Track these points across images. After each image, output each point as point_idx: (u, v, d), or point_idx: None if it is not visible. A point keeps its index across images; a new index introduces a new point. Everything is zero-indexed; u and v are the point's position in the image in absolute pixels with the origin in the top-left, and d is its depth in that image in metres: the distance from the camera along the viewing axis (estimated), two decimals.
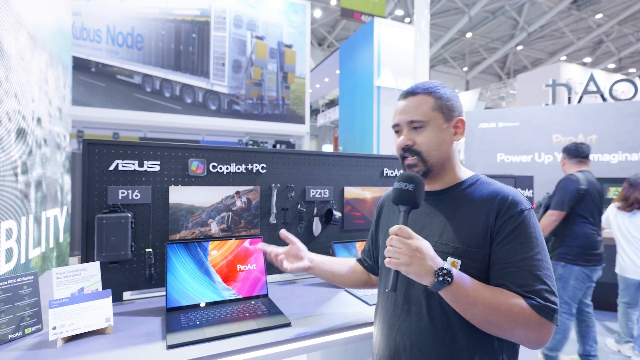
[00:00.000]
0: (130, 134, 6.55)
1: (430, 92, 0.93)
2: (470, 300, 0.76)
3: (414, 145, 0.93)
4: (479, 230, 0.85)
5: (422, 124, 0.92)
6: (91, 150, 1.36)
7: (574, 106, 4.41)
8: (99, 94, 6.10)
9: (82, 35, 5.98)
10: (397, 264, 0.77)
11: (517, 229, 0.82)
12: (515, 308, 0.75)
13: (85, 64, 6.01)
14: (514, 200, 0.85)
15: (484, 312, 0.76)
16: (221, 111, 6.85)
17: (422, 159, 0.92)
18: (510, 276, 0.79)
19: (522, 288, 0.77)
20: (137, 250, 1.42)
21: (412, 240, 0.78)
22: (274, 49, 7.28)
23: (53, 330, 1.02)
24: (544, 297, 0.76)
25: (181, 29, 6.56)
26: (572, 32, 15.19)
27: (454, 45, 17.10)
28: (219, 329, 1.12)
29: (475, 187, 0.92)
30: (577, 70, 10.86)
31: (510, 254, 0.81)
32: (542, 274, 0.78)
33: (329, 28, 16.14)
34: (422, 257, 0.76)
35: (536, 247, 0.81)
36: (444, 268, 0.76)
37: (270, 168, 1.68)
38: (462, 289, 0.76)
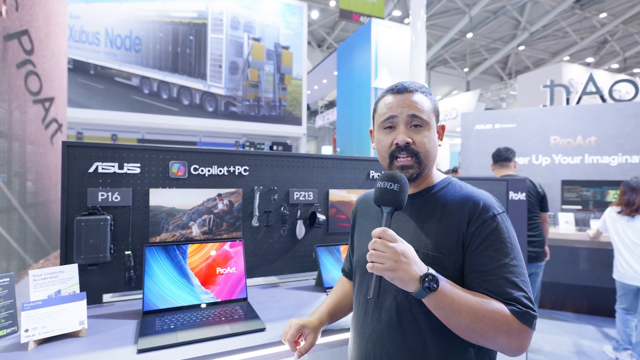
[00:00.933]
0: (129, 136, 6.58)
1: (426, 94, 0.92)
2: (455, 308, 0.73)
3: (412, 145, 0.87)
4: (450, 236, 0.82)
5: (423, 123, 0.88)
6: (71, 152, 1.37)
7: (572, 107, 4.37)
8: (97, 96, 6.13)
9: (81, 38, 6.02)
10: (381, 269, 0.73)
11: (490, 235, 0.79)
12: (499, 315, 0.73)
13: (84, 66, 6.05)
14: (486, 205, 0.82)
15: (468, 320, 0.73)
16: (218, 113, 6.87)
17: (419, 161, 0.87)
18: (488, 284, 0.77)
19: (502, 296, 0.75)
20: (117, 252, 1.43)
21: (397, 244, 0.74)
22: (270, 51, 7.30)
23: (25, 332, 1.02)
24: (524, 303, 0.75)
25: (178, 31, 6.59)
26: (576, 31, 15.10)
27: (455, 45, 17.07)
28: (192, 334, 1.12)
29: (446, 190, 0.90)
30: (579, 70, 10.78)
31: (485, 262, 0.78)
32: (519, 281, 0.77)
33: (328, 29, 16.16)
34: (407, 262, 0.72)
35: (511, 253, 0.79)
36: (429, 273, 0.72)
37: (252, 170, 1.68)
38: (447, 296, 0.73)
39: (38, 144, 2.38)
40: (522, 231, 2.47)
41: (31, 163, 2.24)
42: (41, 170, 2.42)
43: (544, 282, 3.94)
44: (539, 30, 15.06)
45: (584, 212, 4.05)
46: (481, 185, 2.36)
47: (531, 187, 3.08)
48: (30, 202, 2.21)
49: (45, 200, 2.54)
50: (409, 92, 0.89)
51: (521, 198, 2.49)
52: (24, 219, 2.10)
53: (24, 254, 2.04)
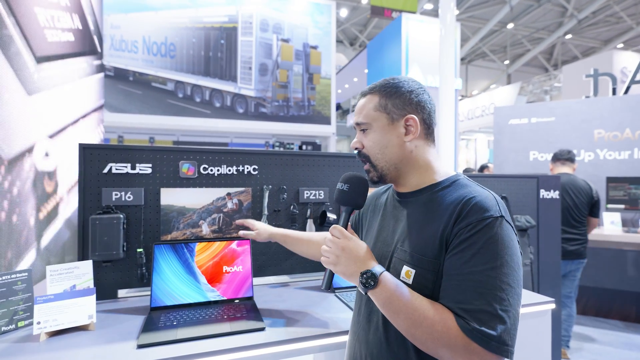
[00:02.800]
0: (165, 138, 6.91)
1: (377, 91, 0.89)
2: (393, 309, 0.72)
3: (363, 149, 0.91)
4: (437, 237, 0.76)
5: (367, 126, 0.89)
6: (86, 154, 1.44)
7: (619, 98, 3.98)
8: (135, 101, 6.49)
9: (120, 47, 6.40)
10: (326, 262, 0.81)
11: (472, 237, 0.70)
12: (439, 325, 0.67)
13: (124, 73, 6.42)
14: (478, 206, 0.73)
15: (407, 324, 0.70)
16: (248, 114, 7.01)
17: (372, 164, 0.89)
18: (452, 289, 0.70)
19: (459, 305, 0.68)
20: (130, 250, 1.48)
21: (341, 240, 0.79)
22: (299, 51, 7.33)
23: (37, 325, 1.09)
24: (481, 319, 0.65)
25: (210, 36, 6.81)
26: (631, 16, 13.80)
27: (494, 37, 16.22)
28: (191, 331, 1.14)
29: (448, 189, 0.83)
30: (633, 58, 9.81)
31: (457, 265, 0.71)
32: (488, 294, 0.66)
33: (360, 27, 15.98)
34: (348, 257, 0.77)
35: (491, 261, 0.68)
36: (369, 271, 0.74)
37: (262, 169, 1.68)
38: (387, 296, 0.72)
39: None
40: (554, 231, 2.28)
41: None
42: None
43: (588, 287, 3.64)
44: (589, 17, 13.93)
45: (632, 211, 3.67)
46: (508, 182, 2.22)
47: (585, 187, 2.97)
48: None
49: None
50: (362, 96, 0.92)
51: (554, 196, 2.30)
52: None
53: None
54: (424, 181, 0.87)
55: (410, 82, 0.89)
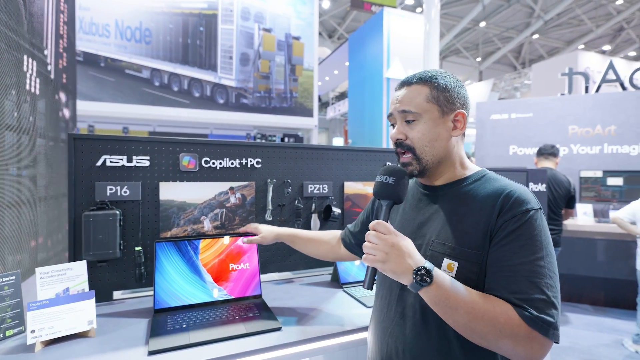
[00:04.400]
0: (140, 129, 6.58)
1: (427, 82, 0.85)
2: (450, 304, 0.69)
3: (406, 140, 0.86)
4: (479, 230, 0.76)
5: (415, 117, 0.84)
6: (77, 145, 1.31)
7: (591, 96, 4.18)
8: (108, 88, 6.13)
9: (90, 30, 6.00)
10: (373, 260, 0.74)
11: (518, 230, 0.72)
12: (502, 317, 0.67)
13: (95, 59, 6.03)
14: (520, 198, 0.75)
15: (466, 319, 0.68)
16: (229, 105, 6.81)
17: (416, 157, 0.85)
18: (504, 281, 0.71)
19: (515, 295, 0.69)
20: (127, 248, 1.38)
21: (389, 236, 0.74)
22: (281, 41, 7.18)
23: (32, 333, 0.98)
24: (539, 307, 0.67)
25: (189, 23, 6.52)
26: (591, 19, 14.59)
27: (467, 35, 16.65)
28: (205, 334, 1.07)
29: (479, 183, 0.84)
30: (595, 58, 10.39)
31: (507, 257, 0.72)
32: (541, 282, 0.69)
33: (339, 20, 15.90)
34: (399, 254, 0.72)
35: (539, 252, 0.71)
36: (423, 267, 0.70)
37: (265, 163, 1.61)
38: (443, 291, 0.70)
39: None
40: None
41: (41, 156, 2.21)
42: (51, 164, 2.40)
43: (562, 274, 3.83)
44: (554, 19, 14.58)
45: (602, 203, 3.90)
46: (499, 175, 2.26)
47: (565, 182, 3.12)
48: (41, 196, 2.19)
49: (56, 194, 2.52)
50: (406, 85, 0.87)
51: (541, 189, 2.40)
52: (35, 213, 2.08)
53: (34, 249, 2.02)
54: (455, 175, 0.88)
55: (454, 77, 0.88)
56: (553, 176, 3.08)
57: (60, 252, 2.56)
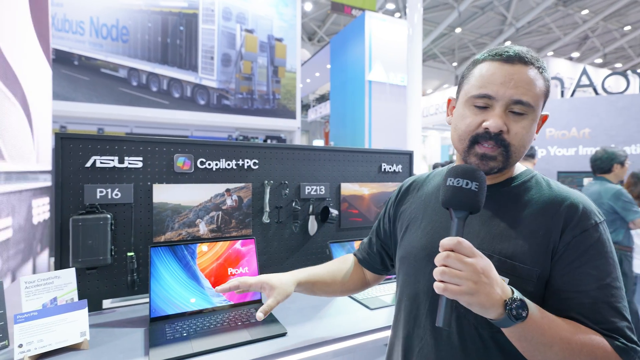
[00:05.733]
0: (116, 130, 6.34)
1: (542, 71, 0.69)
2: (545, 341, 0.58)
3: (505, 134, 0.67)
4: (538, 242, 0.66)
5: (528, 111, 0.67)
6: (65, 145, 1.23)
7: (567, 100, 4.39)
8: (82, 88, 5.86)
9: (64, 27, 5.73)
10: (456, 292, 0.56)
11: (591, 249, 0.64)
12: (599, 351, 0.59)
13: (68, 57, 5.76)
14: (587, 210, 0.66)
15: (560, 356, 0.59)
16: (210, 106, 6.68)
17: (507, 154, 0.68)
18: (584, 309, 0.62)
19: (601, 325, 0.61)
20: (118, 254, 1.31)
21: (475, 260, 0.57)
22: (264, 43, 7.12)
23: (19, 348, 0.91)
24: (628, 337, 0.61)
25: (168, 22, 6.35)
26: (559, 27, 15.34)
27: (444, 40, 17.11)
28: (208, 342, 1.02)
29: (530, 185, 0.73)
30: (565, 65, 10.96)
31: (583, 280, 0.63)
32: (621, 307, 0.62)
33: (319, 22, 15.96)
34: (489, 283, 0.56)
35: (613, 272, 0.64)
36: (516, 298, 0.57)
37: (262, 164, 1.57)
38: (537, 326, 0.58)
39: None
40: None
41: None
42: None
43: None
44: (525, 26, 15.23)
45: None
46: None
47: None
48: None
49: None
50: (522, 63, 0.67)
51: None
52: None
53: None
54: (504, 175, 0.75)
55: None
56: None
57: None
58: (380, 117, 7.81)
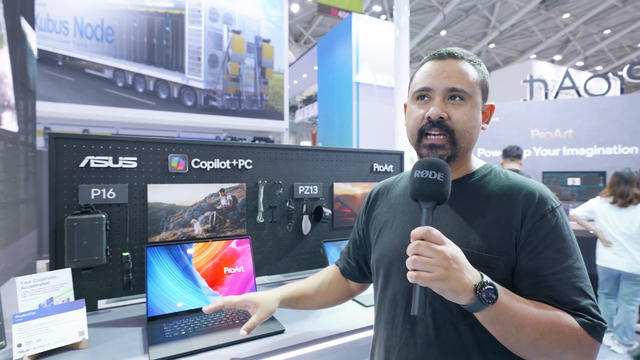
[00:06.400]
0: (102, 131, 6.22)
1: (474, 63, 0.76)
2: (516, 322, 0.61)
3: (446, 121, 0.73)
4: (501, 232, 0.69)
5: (464, 96, 0.73)
6: (59, 145, 1.23)
7: (551, 101, 4.53)
8: (66, 88, 5.74)
9: (47, 26, 5.60)
10: (428, 279, 0.58)
11: (551, 233, 0.67)
12: (567, 329, 0.61)
13: (52, 57, 5.64)
14: (543, 197, 0.70)
15: (533, 337, 0.61)
16: (197, 107, 6.63)
17: (453, 141, 0.73)
18: (550, 291, 0.65)
19: (568, 305, 0.64)
20: (113, 254, 1.31)
21: (445, 247, 0.59)
22: (251, 44, 7.11)
23: (18, 347, 0.91)
24: (593, 313, 0.64)
25: (154, 22, 6.27)
26: (541, 31, 15.77)
27: (429, 42, 17.38)
28: (206, 339, 1.04)
29: (489, 178, 0.77)
30: (547, 67, 11.29)
31: (546, 264, 0.66)
32: (584, 286, 0.65)
33: (305, 24, 15.99)
34: (459, 268, 0.59)
35: (574, 253, 0.67)
36: (486, 282, 0.59)
37: (256, 164, 1.59)
38: (507, 308, 0.60)
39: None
40: None
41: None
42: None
43: None
44: (508, 29, 15.60)
45: (563, 202, 4.21)
46: None
47: None
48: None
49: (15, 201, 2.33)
50: (452, 58, 0.75)
51: None
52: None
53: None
54: (463, 169, 0.79)
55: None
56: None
57: (19, 262, 2.36)
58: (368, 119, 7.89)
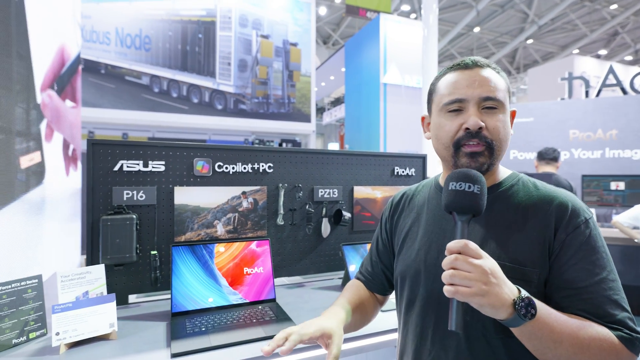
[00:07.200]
0: (139, 134, 6.59)
1: (498, 72, 0.76)
2: (555, 337, 0.60)
3: (484, 130, 0.71)
4: (533, 244, 0.68)
5: (498, 105, 0.72)
6: (96, 150, 1.33)
7: (592, 100, 4.26)
8: (108, 95, 6.14)
9: (92, 37, 6.02)
10: (468, 294, 0.57)
11: (585, 244, 0.66)
12: (606, 343, 0.61)
13: (95, 66, 6.05)
14: (575, 208, 0.69)
15: (571, 352, 0.60)
16: (227, 110, 6.85)
17: (490, 149, 0.71)
18: (586, 304, 0.64)
19: (604, 319, 0.63)
20: (143, 252, 1.39)
21: (484, 261, 0.58)
22: (279, 48, 7.25)
23: (56, 336, 0.99)
24: (630, 327, 0.63)
25: (188, 30, 6.57)
26: (585, 24, 14.83)
27: (462, 40, 16.86)
28: (225, 336, 1.08)
29: (517, 188, 0.75)
30: (591, 63, 10.59)
31: (581, 277, 0.65)
32: (620, 299, 0.65)
33: (333, 26, 16.04)
34: (497, 283, 0.58)
35: (607, 265, 0.66)
36: (525, 297, 0.59)
37: (277, 167, 1.63)
38: (546, 323, 0.60)
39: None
40: None
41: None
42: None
43: None
44: (548, 24, 14.80)
45: (605, 207, 3.95)
46: None
47: (567, 186, 3.14)
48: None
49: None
50: (479, 67, 0.74)
51: None
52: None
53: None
54: (492, 179, 0.78)
55: None
56: (556, 181, 3.12)
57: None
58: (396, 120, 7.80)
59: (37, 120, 1.79)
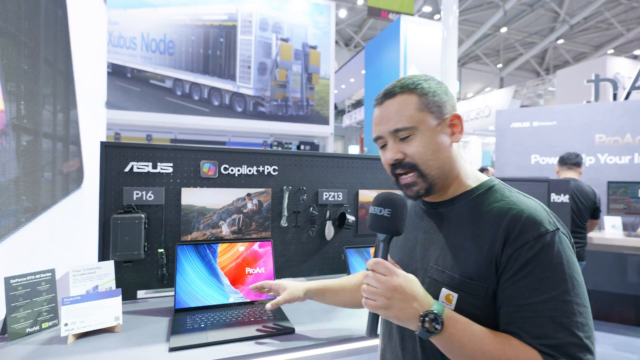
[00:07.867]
0: (162, 136, 6.84)
1: (412, 89, 0.74)
2: (466, 354, 0.61)
3: (405, 159, 0.74)
4: (482, 257, 0.66)
5: (410, 131, 0.73)
6: (108, 152, 1.41)
7: (620, 103, 4.05)
8: (134, 98, 6.41)
9: (119, 43, 6.31)
10: (373, 306, 0.64)
11: (534, 260, 0.62)
12: None
13: (122, 70, 6.34)
14: (531, 220, 0.64)
15: None
16: (247, 113, 7.00)
17: (421, 174, 0.73)
18: (524, 323, 0.61)
19: (539, 340, 0.59)
20: (150, 250, 1.46)
21: (390, 278, 0.63)
22: (298, 51, 7.34)
23: (65, 326, 1.06)
24: (571, 354, 0.57)
25: (209, 34, 6.77)
26: (621, 22, 14.11)
27: (488, 41, 16.44)
28: (222, 333, 1.12)
29: (485, 197, 0.73)
30: (625, 64, 10.04)
31: (524, 294, 0.61)
32: (570, 322, 0.58)
33: (355, 28, 16.03)
34: (402, 298, 0.62)
35: (563, 284, 0.60)
36: (430, 312, 0.61)
37: (282, 170, 1.67)
38: (456, 339, 0.61)
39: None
40: None
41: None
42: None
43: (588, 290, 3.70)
44: (580, 23, 14.19)
45: (632, 216, 3.74)
46: (519, 185, 2.24)
47: (590, 192, 3.03)
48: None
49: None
50: (388, 98, 0.76)
51: (564, 200, 2.34)
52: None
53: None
54: (458, 188, 0.77)
55: (435, 79, 0.79)
56: (578, 187, 2.99)
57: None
58: None
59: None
